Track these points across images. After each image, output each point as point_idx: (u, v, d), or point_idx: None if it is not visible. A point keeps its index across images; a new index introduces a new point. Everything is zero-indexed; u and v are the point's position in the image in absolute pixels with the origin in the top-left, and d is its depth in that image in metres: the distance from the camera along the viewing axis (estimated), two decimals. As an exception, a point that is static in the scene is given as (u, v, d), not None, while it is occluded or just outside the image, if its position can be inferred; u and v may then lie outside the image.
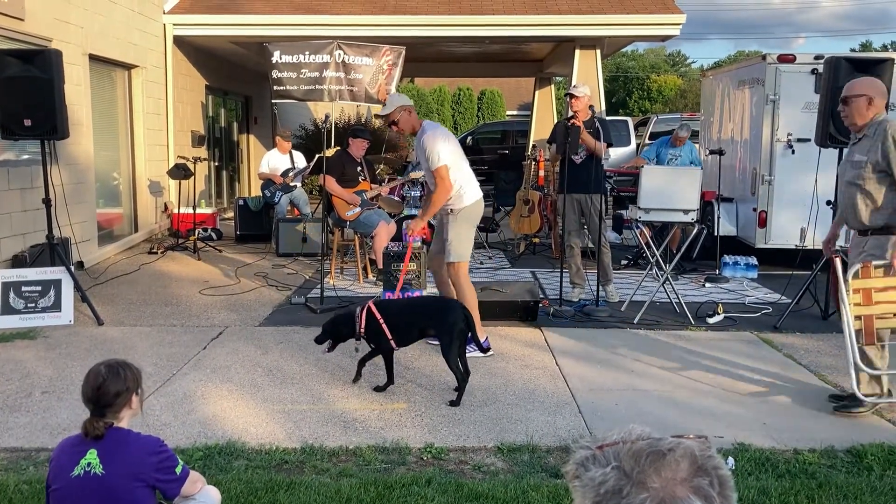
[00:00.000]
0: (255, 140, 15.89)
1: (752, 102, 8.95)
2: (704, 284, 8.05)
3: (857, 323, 4.21)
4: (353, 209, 7.78)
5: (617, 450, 0.98)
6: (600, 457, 0.98)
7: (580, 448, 1.02)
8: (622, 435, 1.02)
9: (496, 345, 5.70)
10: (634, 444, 0.98)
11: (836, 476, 3.59)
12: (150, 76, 10.63)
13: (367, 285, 7.86)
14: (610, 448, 0.99)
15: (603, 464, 0.97)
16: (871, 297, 4.17)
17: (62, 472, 2.37)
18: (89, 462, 2.36)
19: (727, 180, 9.28)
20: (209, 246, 9.97)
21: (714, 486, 0.94)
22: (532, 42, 13.12)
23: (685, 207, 6.39)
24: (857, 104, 4.36)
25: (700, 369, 5.19)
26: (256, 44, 11.39)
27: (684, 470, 0.94)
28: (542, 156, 10.33)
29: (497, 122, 27.24)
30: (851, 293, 4.18)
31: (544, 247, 10.23)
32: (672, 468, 0.94)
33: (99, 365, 2.49)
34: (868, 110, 4.34)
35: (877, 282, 4.18)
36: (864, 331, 4.21)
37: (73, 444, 2.43)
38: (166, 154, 11.13)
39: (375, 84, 10.58)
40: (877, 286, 4.17)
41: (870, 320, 4.19)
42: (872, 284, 4.18)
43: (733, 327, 6.31)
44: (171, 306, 6.92)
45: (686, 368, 5.21)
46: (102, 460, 2.36)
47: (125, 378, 2.46)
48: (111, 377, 2.43)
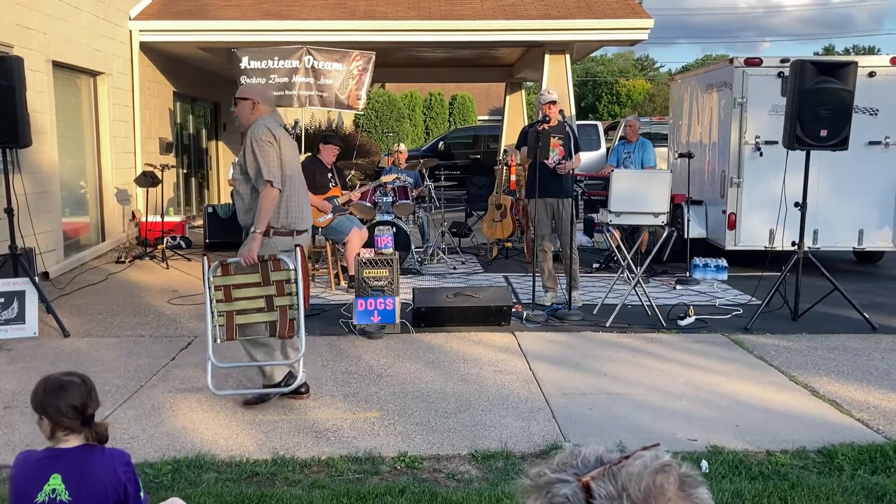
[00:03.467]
0: (224, 147, 15.73)
1: (720, 106, 9.04)
2: (675, 287, 8.09)
3: (220, 319, 4.44)
4: (325, 216, 7.72)
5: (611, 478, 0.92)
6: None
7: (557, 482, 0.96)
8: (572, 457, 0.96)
9: (470, 350, 5.68)
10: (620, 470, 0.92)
11: (808, 477, 3.61)
12: (117, 83, 10.47)
13: (339, 292, 7.80)
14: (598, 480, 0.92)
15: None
16: (231, 294, 4.44)
17: (24, 499, 2.24)
18: (54, 489, 2.23)
19: (696, 183, 9.36)
20: (178, 254, 9.84)
21: None
22: (502, 47, 13.14)
23: (655, 210, 6.42)
24: (242, 107, 4.61)
25: (673, 372, 5.20)
26: (225, 50, 11.26)
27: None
28: (513, 160, 10.34)
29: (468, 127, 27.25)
30: (214, 290, 4.44)
31: (517, 251, 10.23)
32: None
33: (70, 375, 2.36)
34: (252, 113, 4.59)
35: (236, 278, 4.48)
36: (227, 327, 4.44)
37: (33, 468, 2.27)
38: (133, 162, 10.97)
39: (346, 89, 10.52)
40: (235, 283, 4.47)
41: (231, 317, 4.43)
42: (232, 281, 4.47)
43: (705, 329, 6.34)
44: (139, 316, 6.80)
45: (659, 371, 5.22)
46: (68, 486, 2.24)
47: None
48: (90, 387, 2.34)
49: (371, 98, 28.11)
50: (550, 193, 6.87)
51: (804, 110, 6.26)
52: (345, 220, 7.84)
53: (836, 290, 6.38)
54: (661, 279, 8.48)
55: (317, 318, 6.68)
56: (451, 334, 6.13)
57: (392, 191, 8.99)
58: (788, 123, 6.38)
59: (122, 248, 10.38)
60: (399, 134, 25.46)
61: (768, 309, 6.61)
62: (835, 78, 6.28)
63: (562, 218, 7.00)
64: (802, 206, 6.48)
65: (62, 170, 9.01)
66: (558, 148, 6.89)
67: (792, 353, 5.68)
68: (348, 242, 7.71)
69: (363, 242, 7.66)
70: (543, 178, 6.83)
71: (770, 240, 8.54)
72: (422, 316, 6.26)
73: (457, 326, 6.29)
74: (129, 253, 9.68)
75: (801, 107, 6.27)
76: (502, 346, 5.83)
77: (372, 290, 6.19)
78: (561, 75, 11.62)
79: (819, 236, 8.54)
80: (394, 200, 8.96)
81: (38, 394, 2.30)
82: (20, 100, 6.01)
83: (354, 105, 10.64)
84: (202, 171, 15.05)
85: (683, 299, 7.40)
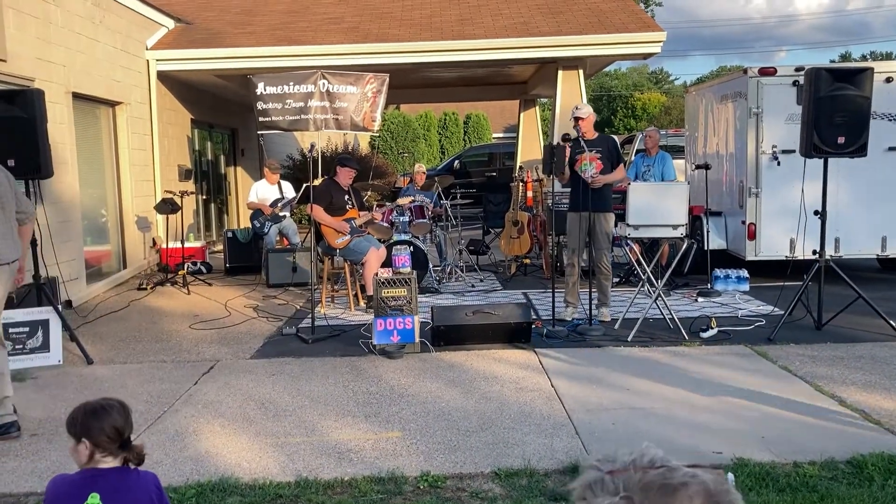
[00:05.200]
0: (242, 172, 15.88)
1: (735, 116, 9.01)
2: (697, 299, 8.04)
3: None
4: (343, 237, 7.76)
5: (628, 478, 0.92)
6: (609, 483, 0.93)
7: (590, 468, 0.97)
8: (634, 457, 0.96)
9: (490, 367, 5.67)
10: (646, 475, 0.92)
11: (837, 488, 3.55)
12: (135, 112, 10.63)
13: (359, 313, 7.82)
14: (620, 475, 0.93)
15: (611, 491, 0.91)
16: None
17: None
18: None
19: (715, 194, 9.32)
20: (199, 280, 9.92)
21: None
22: (515, 64, 13.20)
23: (674, 223, 6.40)
24: None
25: (696, 385, 5.16)
26: (240, 76, 11.42)
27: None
28: (529, 177, 10.36)
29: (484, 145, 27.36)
30: None
31: (535, 267, 10.21)
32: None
33: (108, 399, 2.41)
34: None
35: None
36: None
37: (70, 488, 2.30)
38: (153, 189, 11.10)
39: (360, 112, 10.61)
40: None
41: None
42: None
43: (728, 341, 6.29)
44: (161, 342, 6.86)
45: (682, 384, 5.18)
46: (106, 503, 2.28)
47: None
48: (128, 411, 2.39)
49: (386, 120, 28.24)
50: (586, 207, 6.83)
51: (820, 118, 6.22)
52: (362, 240, 7.88)
53: (860, 298, 6.31)
54: (683, 292, 8.43)
55: (337, 339, 6.70)
56: (472, 352, 6.13)
57: (409, 210, 9.03)
58: (805, 132, 6.34)
59: (144, 274, 10.48)
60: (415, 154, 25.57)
61: (791, 319, 6.54)
62: (851, 84, 6.24)
63: (596, 232, 6.99)
64: (822, 215, 6.42)
65: (83, 199, 9.14)
66: (595, 162, 6.89)
67: (817, 363, 5.61)
68: (366, 262, 7.74)
69: (381, 262, 7.68)
70: (580, 191, 6.85)
71: (791, 249, 8.48)
72: (441, 334, 6.26)
73: (477, 344, 6.29)
74: (151, 279, 9.78)
75: (818, 115, 6.23)
76: (523, 363, 5.81)
77: (391, 309, 6.20)
78: (575, 91, 11.65)
79: (841, 244, 8.46)
80: (411, 220, 8.99)
81: (77, 418, 2.35)
82: (42, 132, 6.11)
83: (369, 127, 10.73)
84: (221, 197, 15.19)
85: (705, 311, 7.35)
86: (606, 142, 7.10)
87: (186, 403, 5.08)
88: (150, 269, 10.88)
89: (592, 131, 7.04)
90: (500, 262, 10.63)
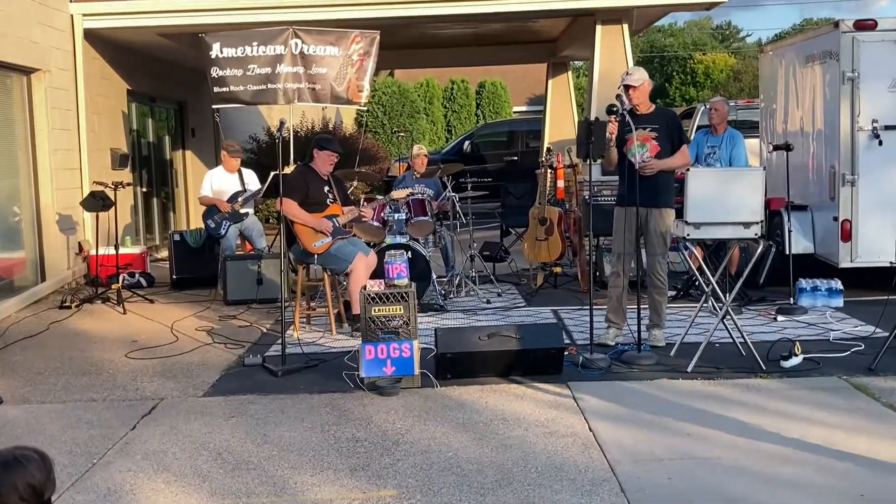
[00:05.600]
0: (192, 157, 15.93)
1: (824, 82, 8.99)
2: (776, 318, 8.01)
3: None
4: (322, 239, 7.77)
5: None
6: None
7: None
8: None
9: (511, 407, 5.66)
10: None
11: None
12: (56, 81, 10.67)
13: (342, 337, 7.82)
14: None
15: None
16: None
17: None
18: None
19: (798, 183, 9.29)
20: (137, 295, 9.93)
21: None
22: (541, 17, 13.20)
23: (746, 220, 6.37)
24: None
25: (775, 428, 5.14)
26: (191, 35, 11.45)
27: None
28: (560, 162, 10.36)
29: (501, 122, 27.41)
30: None
31: (568, 278, 10.20)
32: None
33: (24, 449, 2.39)
34: None
35: None
36: None
37: None
38: (79, 180, 11.14)
39: (344, 80, 10.64)
40: None
41: None
42: None
43: (816, 372, 6.27)
44: (89, 375, 6.86)
45: (757, 428, 5.16)
46: None
47: None
48: (49, 466, 2.37)
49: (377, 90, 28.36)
50: (635, 201, 6.77)
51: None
52: (347, 243, 7.88)
53: None
54: (758, 308, 8.41)
55: (314, 370, 6.69)
56: (486, 387, 6.12)
57: (406, 205, 9.03)
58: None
59: (68, 289, 10.50)
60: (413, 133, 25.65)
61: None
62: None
63: (649, 233, 6.96)
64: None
65: (-10, 193, 9.18)
66: (650, 142, 6.87)
67: (932, 400, 5.59)
68: (352, 272, 7.74)
69: (371, 272, 7.68)
70: (629, 180, 6.82)
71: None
72: (448, 364, 6.25)
73: (493, 377, 6.27)
74: (76, 295, 9.79)
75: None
76: (553, 401, 5.80)
77: (383, 332, 6.20)
78: (618, 51, 11.65)
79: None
80: (408, 218, 8.99)
81: None
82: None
83: (355, 99, 10.76)
84: (166, 189, 15.24)
85: (787, 333, 7.32)
86: (666, 117, 7.08)
87: (122, 454, 5.08)
88: (75, 283, 10.90)
89: (647, 103, 7.03)
90: (522, 272, 10.62)
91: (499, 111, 33.37)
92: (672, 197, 7.07)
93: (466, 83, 33.54)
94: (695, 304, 7.77)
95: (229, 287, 9.49)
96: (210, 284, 10.17)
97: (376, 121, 28.31)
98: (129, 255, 10.81)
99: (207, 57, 10.45)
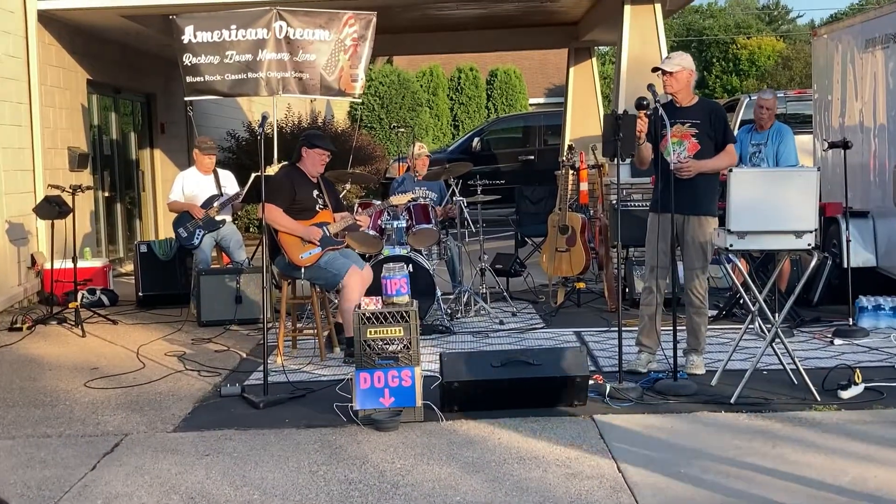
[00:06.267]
0: (162, 156, 15.95)
1: (888, 70, 8.99)
2: (833, 341, 8.00)
3: None
4: (311, 250, 7.77)
5: None
6: None
7: None
8: None
9: (527, 444, 5.64)
10: None
11: None
12: (5, 71, 10.71)
13: (333, 363, 7.81)
14: None
15: None
16: None
17: None
18: None
19: (858, 186, 9.28)
20: (98, 315, 9.93)
21: None
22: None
23: (797, 228, 6.36)
24: None
25: (831, 469, 5.12)
26: (160, 17, 11.49)
27: None
28: (583, 161, 10.36)
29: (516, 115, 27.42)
30: None
31: (593, 295, 10.19)
32: None
33: None
34: None
35: None
36: None
37: None
38: (32, 183, 11.15)
39: (336, 68, 10.65)
40: None
41: None
42: None
43: (879, 403, 6.24)
44: (43, 407, 6.86)
45: (812, 468, 5.13)
46: None
47: None
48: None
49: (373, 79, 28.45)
50: (671, 206, 6.75)
51: None
52: (338, 256, 7.88)
53: None
54: (812, 330, 8.40)
55: (301, 401, 6.68)
56: (499, 421, 6.10)
57: (407, 211, 9.03)
58: None
59: (18, 308, 10.50)
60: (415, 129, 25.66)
61: (975, 370, 6.50)
62: None
63: (686, 243, 6.95)
64: None
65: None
66: (689, 140, 6.87)
67: None
68: (344, 288, 7.74)
69: (366, 288, 7.67)
70: (662, 182, 6.81)
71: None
72: (454, 395, 6.24)
73: (507, 409, 6.25)
74: (28, 315, 9.79)
75: None
76: (576, 438, 5.78)
77: (380, 358, 6.19)
78: (649, 34, 11.66)
79: None
80: (409, 226, 8.99)
81: None
82: None
83: (349, 90, 10.77)
84: (132, 194, 15.26)
85: (845, 359, 7.30)
86: (709, 111, 7.04)
87: (80, 498, 5.07)
88: (27, 301, 10.91)
89: (689, 94, 7.02)
90: (540, 288, 10.61)
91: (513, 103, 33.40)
92: (714, 203, 7.06)
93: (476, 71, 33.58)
94: (739, 325, 7.76)
95: (203, 306, 9.49)
96: (181, 303, 10.17)
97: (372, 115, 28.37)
98: (88, 269, 10.82)
99: (179, 42, 10.48)
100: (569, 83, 17.62)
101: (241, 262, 10.05)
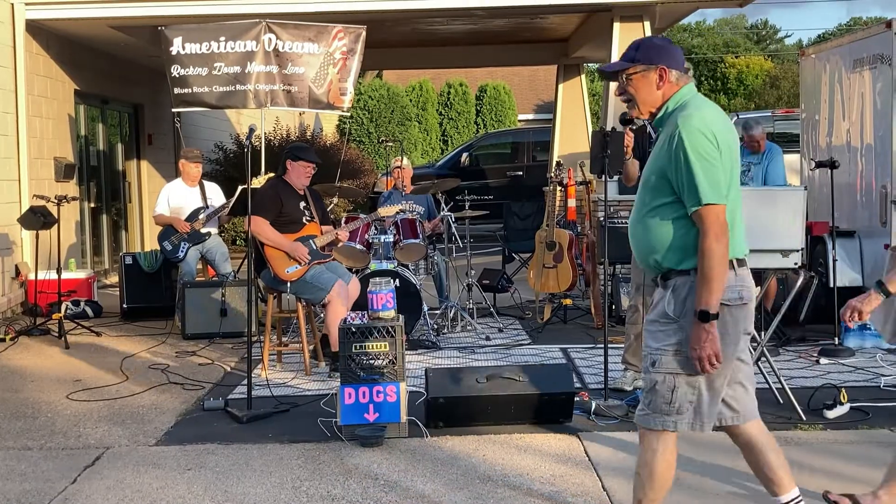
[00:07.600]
0: (149, 168, 15.93)
1: (874, 90, 9.02)
2: (819, 360, 8.01)
3: None
4: (297, 264, 7.75)
5: None
6: None
7: None
8: None
9: (512, 461, 5.63)
10: None
11: None
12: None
13: (318, 377, 7.79)
14: None
15: None
16: None
17: None
18: None
19: (845, 205, 9.31)
20: (82, 327, 9.89)
21: None
22: (551, 13, 13.28)
23: (784, 247, 6.37)
24: None
25: (817, 488, 5.11)
26: (148, 28, 11.48)
27: None
28: (571, 177, 10.38)
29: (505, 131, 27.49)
30: None
31: (580, 311, 10.19)
32: None
33: None
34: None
35: None
36: None
37: None
38: (17, 193, 11.12)
39: (324, 81, 10.66)
40: None
41: None
42: None
43: (865, 423, 6.25)
44: (23, 419, 6.82)
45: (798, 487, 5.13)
46: None
47: None
48: None
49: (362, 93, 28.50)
50: None
51: None
52: (325, 270, 7.87)
53: None
54: (797, 349, 8.41)
55: (285, 416, 6.67)
56: (484, 437, 6.09)
57: (394, 225, 9.02)
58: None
59: (2, 319, 10.46)
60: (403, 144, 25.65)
61: (960, 391, 6.51)
62: None
63: None
64: None
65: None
66: None
67: None
68: (330, 303, 7.72)
69: (352, 302, 7.66)
70: None
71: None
72: (440, 411, 6.22)
73: (492, 425, 6.25)
74: (11, 326, 9.76)
75: None
76: (561, 454, 5.78)
77: (365, 373, 6.17)
78: (638, 52, 11.68)
79: None
80: (396, 240, 8.98)
81: None
82: None
83: (337, 104, 10.78)
84: (118, 205, 15.23)
85: (831, 378, 7.31)
86: None
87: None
88: (10, 311, 10.87)
89: None
90: (527, 304, 10.61)
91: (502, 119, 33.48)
92: None
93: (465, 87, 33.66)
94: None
95: (188, 318, 9.46)
96: (166, 315, 10.15)
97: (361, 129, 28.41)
98: (73, 280, 10.78)
99: (167, 53, 10.47)
100: (558, 99, 17.66)
101: (226, 274, 10.03)
